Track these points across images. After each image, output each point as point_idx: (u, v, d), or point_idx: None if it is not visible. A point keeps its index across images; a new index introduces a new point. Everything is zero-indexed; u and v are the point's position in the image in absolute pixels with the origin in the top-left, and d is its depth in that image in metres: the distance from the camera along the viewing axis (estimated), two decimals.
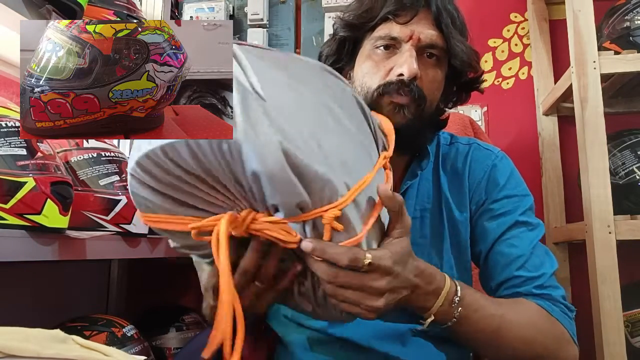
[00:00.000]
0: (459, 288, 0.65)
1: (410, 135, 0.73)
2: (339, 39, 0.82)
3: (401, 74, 0.73)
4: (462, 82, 0.85)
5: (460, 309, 0.64)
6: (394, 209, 0.57)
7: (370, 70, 0.77)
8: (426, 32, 0.75)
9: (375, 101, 0.75)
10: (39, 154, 0.79)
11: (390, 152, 0.61)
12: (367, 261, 0.54)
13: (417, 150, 0.82)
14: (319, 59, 0.87)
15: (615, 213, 1.14)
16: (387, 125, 0.64)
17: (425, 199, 0.83)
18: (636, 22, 1.26)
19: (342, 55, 0.83)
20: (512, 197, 0.81)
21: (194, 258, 0.65)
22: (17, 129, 0.76)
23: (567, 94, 1.35)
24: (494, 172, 0.83)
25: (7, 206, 0.74)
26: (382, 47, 0.77)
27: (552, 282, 0.76)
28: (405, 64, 0.73)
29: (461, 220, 0.82)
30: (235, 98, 0.50)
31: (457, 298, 0.64)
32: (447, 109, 0.87)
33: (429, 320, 0.64)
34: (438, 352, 0.79)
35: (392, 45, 0.76)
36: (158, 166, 0.51)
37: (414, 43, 0.75)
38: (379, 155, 0.59)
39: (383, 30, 0.76)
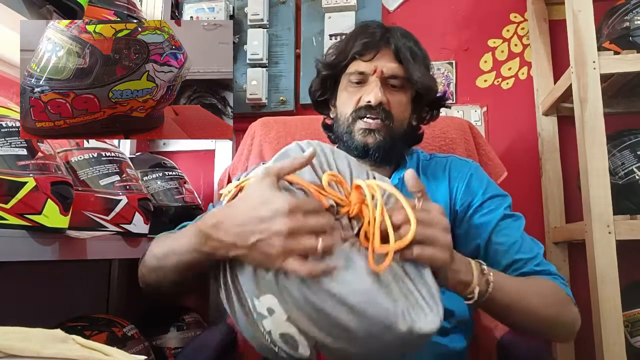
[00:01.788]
0: (478, 260, 0.73)
1: (382, 152, 0.91)
2: (322, 77, 1.01)
3: (369, 101, 0.90)
4: (431, 101, 0.99)
5: (491, 274, 0.71)
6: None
7: (345, 101, 0.95)
8: (388, 65, 0.92)
9: (350, 126, 0.93)
10: (40, 154, 0.79)
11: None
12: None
13: (394, 161, 0.98)
14: (309, 92, 1.07)
15: (615, 213, 1.14)
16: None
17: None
18: (636, 22, 1.26)
19: (326, 90, 1.02)
20: (495, 197, 0.93)
21: None
22: (17, 129, 0.76)
23: (567, 94, 1.35)
24: (473, 179, 0.96)
25: (8, 206, 0.74)
26: (354, 82, 0.94)
27: (545, 261, 0.88)
28: (371, 93, 0.90)
29: None
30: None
31: (484, 267, 0.72)
32: (422, 125, 1.03)
33: (476, 291, 0.69)
34: (436, 342, 0.85)
35: (361, 79, 0.93)
36: None
37: (379, 75, 0.91)
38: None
39: (353, 67, 0.94)
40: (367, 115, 0.91)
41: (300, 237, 0.57)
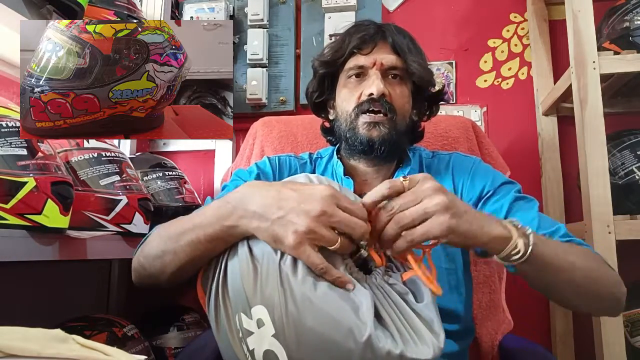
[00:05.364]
0: (516, 220, 0.70)
1: (387, 146, 0.89)
2: (319, 76, 0.99)
3: (371, 94, 0.89)
4: (429, 96, 0.99)
5: (527, 227, 0.68)
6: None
7: (346, 97, 0.93)
8: (387, 57, 0.92)
9: (353, 122, 0.91)
10: (40, 154, 0.79)
11: None
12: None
13: (398, 158, 0.97)
14: (306, 95, 1.05)
15: (615, 213, 1.14)
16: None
17: None
18: (636, 22, 1.26)
19: (324, 90, 1.01)
20: (504, 184, 0.92)
21: None
22: (17, 129, 0.76)
23: (567, 94, 1.35)
24: (478, 172, 0.94)
25: (8, 206, 0.74)
26: (353, 76, 0.93)
27: (570, 234, 0.83)
28: (373, 85, 0.89)
29: None
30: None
31: (515, 220, 0.69)
32: (422, 122, 1.02)
33: (520, 244, 0.65)
34: None
35: (361, 73, 0.93)
36: None
37: (378, 67, 0.91)
38: None
39: (352, 62, 0.93)
40: (370, 109, 0.89)
41: (325, 225, 0.58)
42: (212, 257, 0.67)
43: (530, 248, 0.66)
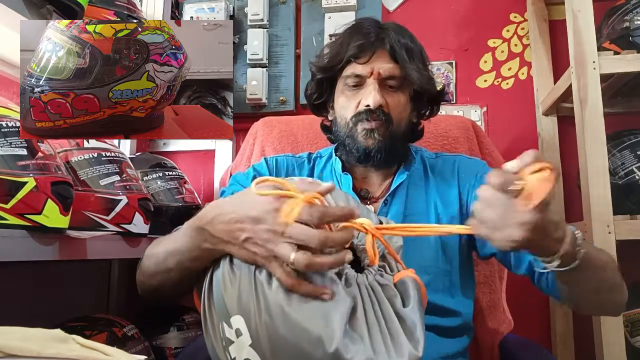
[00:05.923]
0: (578, 234, 0.68)
1: (383, 153, 0.90)
2: (317, 80, 0.99)
3: (367, 105, 0.89)
4: (430, 97, 0.98)
5: (582, 250, 0.66)
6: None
7: (344, 104, 0.94)
8: (384, 66, 0.91)
9: (352, 129, 0.92)
10: (40, 154, 0.79)
11: None
12: None
13: (395, 161, 0.97)
14: (305, 96, 1.05)
15: (615, 213, 1.14)
16: None
17: (416, 200, 0.95)
18: (636, 22, 1.26)
19: (322, 92, 1.00)
20: None
21: None
22: (17, 129, 0.76)
23: (567, 94, 1.35)
24: (485, 178, 0.91)
25: (8, 206, 0.74)
26: (351, 85, 0.92)
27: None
28: (370, 96, 0.89)
29: (447, 218, 0.93)
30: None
31: (579, 240, 0.67)
32: (422, 121, 1.02)
33: (555, 262, 0.65)
34: (438, 343, 0.84)
35: (358, 82, 0.92)
36: None
37: (376, 77, 0.90)
38: None
39: (349, 70, 0.92)
40: (367, 119, 0.90)
41: (280, 242, 0.56)
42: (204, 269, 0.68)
43: (573, 264, 0.66)
